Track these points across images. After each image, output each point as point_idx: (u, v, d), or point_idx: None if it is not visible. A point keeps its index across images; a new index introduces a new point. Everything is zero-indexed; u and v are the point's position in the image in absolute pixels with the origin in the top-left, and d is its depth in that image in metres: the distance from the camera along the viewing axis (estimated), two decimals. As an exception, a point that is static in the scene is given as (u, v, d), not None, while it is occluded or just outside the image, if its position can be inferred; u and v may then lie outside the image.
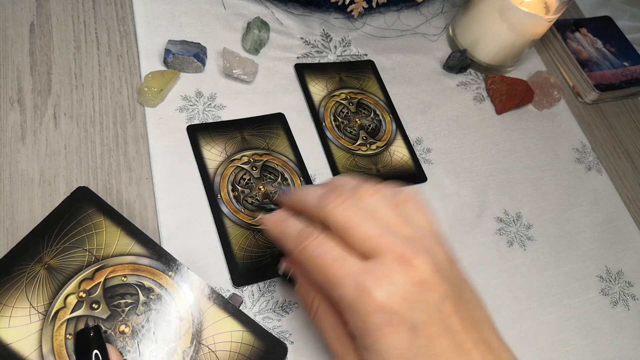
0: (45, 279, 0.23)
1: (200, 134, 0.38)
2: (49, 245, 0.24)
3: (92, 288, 0.24)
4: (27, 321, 0.22)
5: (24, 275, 0.23)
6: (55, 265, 0.24)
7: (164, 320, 0.24)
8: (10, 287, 0.23)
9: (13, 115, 0.36)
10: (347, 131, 0.42)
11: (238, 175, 0.36)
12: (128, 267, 0.24)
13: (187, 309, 0.24)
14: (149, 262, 0.25)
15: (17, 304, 0.22)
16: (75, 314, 0.23)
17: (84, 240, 0.24)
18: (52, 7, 0.41)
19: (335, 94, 0.44)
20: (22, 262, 0.23)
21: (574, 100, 0.54)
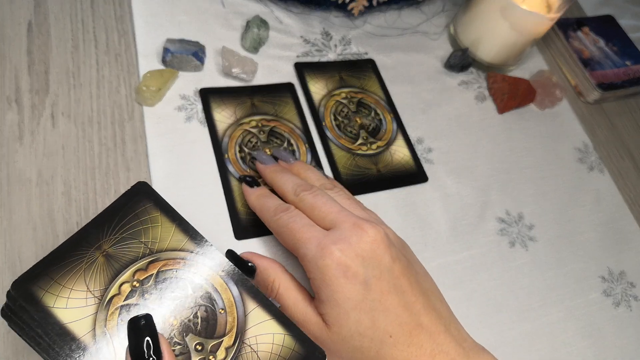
0: (103, 266, 0.24)
1: (212, 97, 0.39)
2: (108, 234, 0.25)
3: (145, 279, 0.25)
4: (83, 304, 0.23)
5: (83, 260, 0.24)
6: (112, 253, 0.25)
7: (211, 316, 0.25)
8: (69, 270, 0.24)
9: (10, 115, 0.35)
10: (348, 131, 0.42)
11: (246, 138, 0.38)
12: (180, 262, 0.25)
13: (233, 308, 0.25)
14: (200, 259, 0.26)
15: (76, 287, 0.23)
16: (128, 302, 0.24)
17: (140, 233, 0.26)
18: (50, 5, 0.41)
19: (336, 93, 0.44)
20: (83, 248, 0.24)
21: (576, 100, 0.54)
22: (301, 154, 0.39)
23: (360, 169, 0.40)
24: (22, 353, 0.29)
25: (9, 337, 0.29)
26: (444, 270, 0.38)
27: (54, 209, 0.33)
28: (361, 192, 0.40)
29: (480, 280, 0.39)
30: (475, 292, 0.38)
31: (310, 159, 0.40)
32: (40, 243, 0.32)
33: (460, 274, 0.38)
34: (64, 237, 0.32)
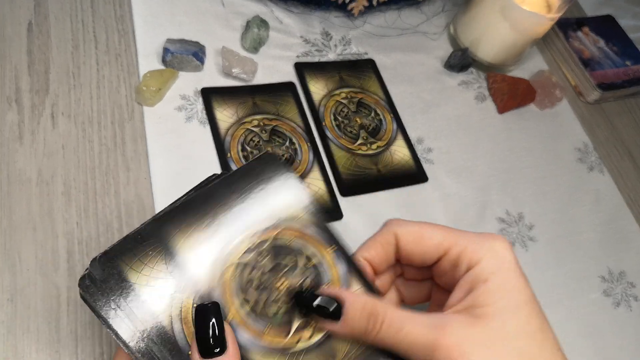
0: None
1: (213, 96, 0.39)
2: (231, 194, 0.26)
3: (262, 241, 0.26)
4: (162, 284, 0.23)
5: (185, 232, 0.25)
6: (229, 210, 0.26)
7: (316, 288, 0.25)
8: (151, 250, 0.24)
9: (11, 115, 0.35)
10: (348, 131, 0.42)
11: (248, 137, 0.38)
12: (295, 233, 0.26)
13: (337, 284, 0.26)
14: (315, 232, 0.27)
15: (156, 267, 0.23)
16: (244, 260, 0.25)
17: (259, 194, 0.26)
18: (50, 6, 0.41)
19: (336, 93, 0.44)
20: (219, 197, 0.25)
21: (576, 100, 0.54)
22: (303, 153, 0.39)
23: (360, 169, 0.40)
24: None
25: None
26: (444, 270, 0.38)
27: (54, 208, 0.33)
28: (361, 192, 0.40)
29: (480, 280, 0.39)
30: (475, 292, 0.38)
31: (312, 158, 0.40)
32: (40, 243, 0.32)
33: (460, 274, 0.38)
34: (63, 237, 0.32)
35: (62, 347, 0.29)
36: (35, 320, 0.30)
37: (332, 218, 0.38)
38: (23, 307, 0.30)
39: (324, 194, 0.38)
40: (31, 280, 0.31)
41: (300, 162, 0.39)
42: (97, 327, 0.30)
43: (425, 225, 0.26)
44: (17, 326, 0.29)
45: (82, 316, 0.30)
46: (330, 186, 0.39)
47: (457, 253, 0.25)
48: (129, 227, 0.34)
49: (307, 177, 0.38)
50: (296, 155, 0.39)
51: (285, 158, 0.39)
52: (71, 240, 0.32)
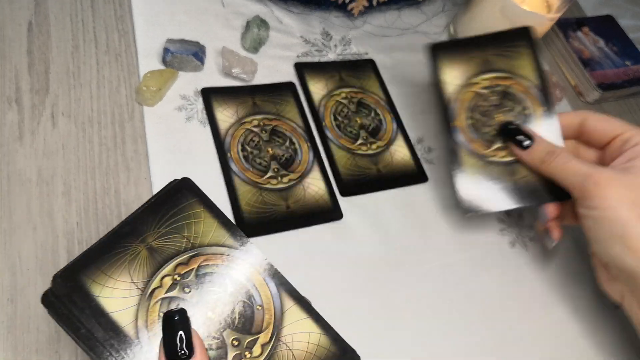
0: (146, 258, 0.25)
1: (213, 96, 0.39)
2: (153, 228, 0.26)
3: (185, 273, 0.25)
4: (127, 294, 0.24)
5: (127, 252, 0.25)
6: (156, 246, 0.25)
7: (248, 313, 0.25)
8: (115, 261, 0.24)
9: (11, 115, 0.35)
10: (348, 131, 0.42)
11: (248, 137, 0.38)
12: (220, 258, 0.26)
13: (270, 305, 0.26)
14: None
15: (120, 278, 0.24)
16: (169, 295, 0.24)
17: (183, 227, 0.26)
18: (50, 5, 0.41)
19: (336, 93, 0.44)
20: (128, 240, 0.25)
21: (575, 100, 0.54)
22: (303, 153, 0.39)
23: (360, 169, 0.40)
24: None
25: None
26: (444, 271, 0.38)
27: (54, 208, 0.33)
28: (361, 192, 0.40)
29: (481, 280, 0.39)
30: (475, 292, 0.38)
31: (312, 158, 0.40)
32: (40, 243, 0.32)
33: (461, 274, 0.38)
34: (63, 237, 0.32)
35: (62, 348, 0.29)
36: (36, 321, 0.30)
37: (332, 218, 0.38)
38: (23, 307, 0.30)
39: (324, 194, 0.38)
40: (31, 280, 0.31)
41: (300, 162, 0.39)
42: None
43: (609, 116, 0.35)
44: (17, 326, 0.29)
45: (82, 316, 0.30)
46: (330, 186, 0.39)
47: (630, 134, 0.33)
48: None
49: (307, 177, 0.38)
50: (296, 155, 0.39)
51: (285, 158, 0.39)
52: (71, 240, 0.32)
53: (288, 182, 0.38)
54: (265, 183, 0.37)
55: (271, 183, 0.37)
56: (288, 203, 0.37)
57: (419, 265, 0.38)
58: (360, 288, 0.36)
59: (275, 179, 0.38)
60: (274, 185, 0.37)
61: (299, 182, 0.38)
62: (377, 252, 0.37)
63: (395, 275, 0.37)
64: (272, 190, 0.37)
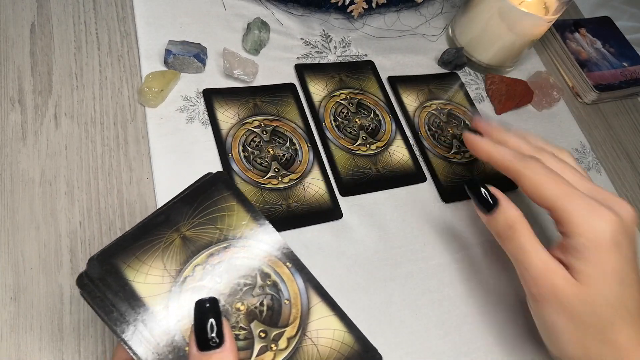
0: (180, 247, 0.25)
1: (215, 97, 0.40)
2: (187, 218, 0.26)
3: (217, 264, 0.25)
4: (160, 281, 0.24)
5: (162, 240, 0.25)
6: (189, 236, 0.26)
7: (276, 306, 0.26)
8: (149, 248, 0.25)
9: (14, 116, 0.36)
10: (347, 131, 0.42)
11: (249, 138, 0.39)
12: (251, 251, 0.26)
13: (297, 299, 0.26)
14: (270, 249, 0.27)
15: (154, 265, 0.24)
16: (200, 283, 0.25)
17: (216, 219, 0.26)
18: (53, 7, 0.41)
19: (335, 94, 0.44)
20: (162, 229, 0.25)
21: (573, 101, 0.54)
22: (303, 153, 0.40)
23: (359, 169, 0.41)
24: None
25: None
26: (443, 270, 0.38)
27: (57, 208, 0.33)
28: (361, 192, 0.40)
29: (480, 278, 0.39)
30: (473, 291, 0.38)
31: (312, 158, 0.40)
32: (43, 242, 0.32)
33: (459, 273, 0.39)
34: (66, 236, 0.33)
35: (65, 346, 0.30)
36: (38, 319, 0.30)
37: (332, 217, 0.38)
38: (26, 306, 0.30)
39: (324, 193, 0.39)
40: (34, 279, 0.31)
41: (300, 162, 0.39)
42: (100, 325, 0.31)
43: (544, 175, 0.30)
44: (20, 325, 0.29)
45: (85, 315, 0.31)
46: (330, 186, 0.39)
47: (563, 216, 0.29)
48: (132, 226, 0.34)
49: (307, 177, 0.39)
50: (297, 156, 0.40)
51: (285, 158, 0.39)
52: (74, 239, 0.33)
53: (288, 182, 0.38)
54: (266, 183, 0.37)
55: (272, 183, 0.38)
56: (288, 203, 0.37)
57: (418, 264, 0.38)
58: (360, 287, 0.36)
59: (276, 179, 0.38)
60: (275, 185, 0.38)
61: (300, 182, 0.38)
62: (376, 251, 0.38)
63: (394, 274, 0.37)
64: (273, 190, 0.37)
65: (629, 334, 0.27)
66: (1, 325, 0.29)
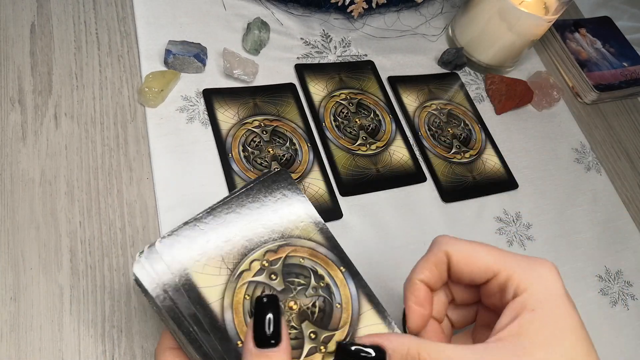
0: (238, 242, 0.25)
1: (215, 97, 0.40)
2: (250, 214, 0.26)
3: (274, 260, 0.26)
4: (217, 272, 0.24)
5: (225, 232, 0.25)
6: (249, 233, 0.26)
7: (328, 308, 0.26)
8: (210, 240, 0.25)
9: (14, 116, 0.36)
10: (347, 131, 0.42)
11: (249, 138, 0.39)
12: (307, 251, 0.27)
13: (349, 304, 0.26)
14: (326, 252, 0.27)
15: (212, 257, 0.25)
16: (255, 279, 0.25)
17: None
18: (53, 7, 0.41)
19: (335, 94, 0.44)
20: (228, 225, 0.26)
21: (573, 101, 0.54)
22: (303, 153, 0.40)
23: (359, 169, 0.41)
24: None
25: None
26: (443, 269, 0.38)
27: (57, 208, 0.33)
28: (361, 192, 0.40)
29: (479, 279, 0.39)
30: (473, 291, 0.38)
31: (312, 158, 0.40)
32: (43, 242, 0.32)
33: (459, 272, 0.39)
34: (66, 236, 0.33)
35: (65, 346, 0.30)
36: (38, 319, 0.30)
37: (332, 217, 0.38)
38: (26, 306, 0.30)
39: (324, 193, 0.39)
40: (34, 279, 0.31)
41: (300, 162, 0.39)
42: (100, 325, 0.31)
43: (476, 245, 0.26)
44: (20, 324, 0.29)
45: (85, 315, 0.31)
46: (330, 186, 0.39)
47: (505, 277, 0.25)
48: (132, 226, 0.34)
49: (307, 177, 0.39)
50: (296, 156, 0.40)
51: (285, 158, 0.39)
52: (74, 239, 0.33)
53: (288, 182, 0.38)
54: None
55: (272, 183, 0.38)
56: (288, 203, 0.37)
57: (418, 265, 0.38)
58: (360, 287, 0.36)
59: (276, 179, 0.38)
60: (275, 185, 0.38)
61: (300, 182, 0.38)
62: (376, 251, 0.38)
63: (395, 274, 0.37)
64: (273, 190, 0.37)
65: None
66: (1, 325, 0.29)
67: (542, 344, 0.23)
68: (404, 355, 0.23)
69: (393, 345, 0.24)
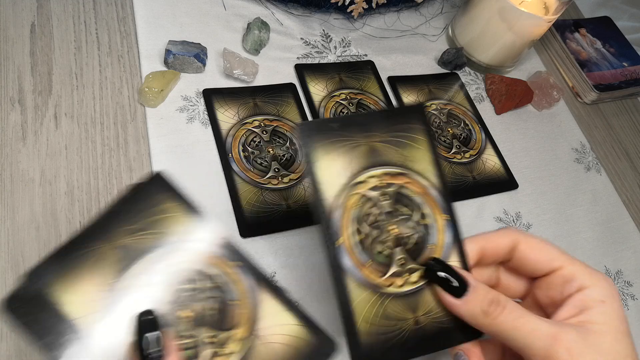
0: (114, 257, 0.24)
1: (215, 97, 0.40)
2: (123, 225, 0.25)
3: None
4: (94, 297, 0.23)
5: (96, 252, 0.24)
6: (125, 244, 0.24)
7: (223, 308, 0.25)
8: (81, 262, 0.23)
9: (14, 116, 0.36)
10: (347, 131, 0.42)
11: (249, 138, 0.39)
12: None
13: (246, 299, 0.25)
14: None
15: (87, 281, 0.23)
16: (138, 294, 0.24)
17: (154, 223, 0.25)
18: (53, 7, 0.41)
19: (335, 94, 0.44)
20: (95, 241, 0.24)
21: (573, 101, 0.54)
22: None
23: (360, 169, 0.41)
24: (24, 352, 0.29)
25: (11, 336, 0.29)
26: (443, 269, 0.38)
27: (57, 208, 0.33)
28: (361, 192, 0.40)
29: (479, 279, 0.39)
30: (474, 291, 0.38)
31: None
32: (43, 242, 0.32)
33: (459, 272, 0.39)
34: (67, 236, 0.33)
35: (66, 345, 0.30)
36: (39, 319, 0.30)
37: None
38: (27, 306, 0.30)
39: (324, 193, 0.39)
40: (35, 279, 0.31)
41: (300, 162, 0.39)
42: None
43: (544, 240, 0.27)
44: (21, 324, 0.29)
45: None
46: (331, 186, 0.39)
47: (571, 272, 0.26)
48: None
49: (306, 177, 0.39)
50: (296, 156, 0.40)
51: (285, 158, 0.39)
52: (74, 239, 0.33)
53: (289, 182, 0.38)
54: (266, 183, 0.37)
55: (272, 183, 0.38)
56: (289, 203, 0.37)
57: (418, 265, 0.38)
58: (360, 287, 0.36)
59: (276, 179, 0.38)
60: (275, 185, 0.38)
61: (300, 182, 0.38)
62: (376, 252, 0.38)
63: (394, 274, 0.37)
64: (273, 190, 0.37)
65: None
66: (1, 326, 0.29)
67: (611, 333, 0.25)
68: (483, 293, 0.25)
69: (475, 283, 0.26)
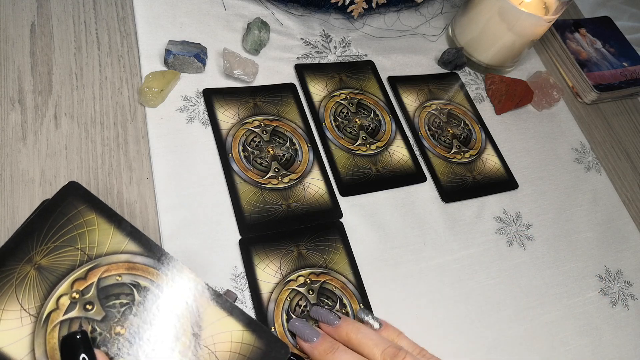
0: (36, 280, 0.22)
1: (215, 97, 0.40)
2: (39, 245, 0.23)
3: (85, 288, 0.23)
4: (18, 324, 0.21)
5: (13, 276, 0.22)
6: (46, 264, 0.23)
7: (162, 320, 0.23)
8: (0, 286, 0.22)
9: (14, 116, 0.36)
10: (347, 131, 0.42)
11: (249, 138, 0.39)
12: (122, 266, 0.23)
13: (184, 308, 0.24)
14: (143, 259, 0.24)
15: (7, 307, 0.21)
16: (68, 316, 0.22)
17: (75, 239, 0.23)
18: (53, 7, 0.41)
19: (335, 94, 0.44)
20: (11, 263, 0.22)
21: (573, 101, 0.54)
22: (303, 153, 0.40)
23: (359, 169, 0.41)
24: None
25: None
26: (443, 270, 0.38)
27: (57, 208, 0.33)
28: (361, 192, 0.40)
29: (479, 279, 0.39)
30: (473, 291, 0.38)
31: (312, 158, 0.40)
32: (44, 242, 0.32)
33: (459, 273, 0.39)
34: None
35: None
36: (39, 319, 0.30)
37: (332, 217, 0.38)
38: (27, 306, 0.30)
39: (324, 193, 0.39)
40: (35, 279, 0.31)
41: (300, 162, 0.39)
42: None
43: None
44: (21, 324, 0.29)
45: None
46: (330, 186, 0.39)
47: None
48: None
49: (307, 177, 0.39)
50: (296, 156, 0.40)
51: (285, 158, 0.39)
52: (74, 239, 0.33)
53: (288, 182, 0.38)
54: (266, 183, 0.37)
55: (272, 183, 0.38)
56: (288, 202, 0.37)
57: (418, 264, 0.38)
58: (360, 287, 0.36)
59: (276, 179, 0.38)
60: (275, 185, 0.38)
61: (300, 182, 0.38)
62: (376, 251, 0.38)
63: (394, 274, 0.37)
64: (273, 189, 0.37)
65: None
66: None
67: None
68: None
69: None
